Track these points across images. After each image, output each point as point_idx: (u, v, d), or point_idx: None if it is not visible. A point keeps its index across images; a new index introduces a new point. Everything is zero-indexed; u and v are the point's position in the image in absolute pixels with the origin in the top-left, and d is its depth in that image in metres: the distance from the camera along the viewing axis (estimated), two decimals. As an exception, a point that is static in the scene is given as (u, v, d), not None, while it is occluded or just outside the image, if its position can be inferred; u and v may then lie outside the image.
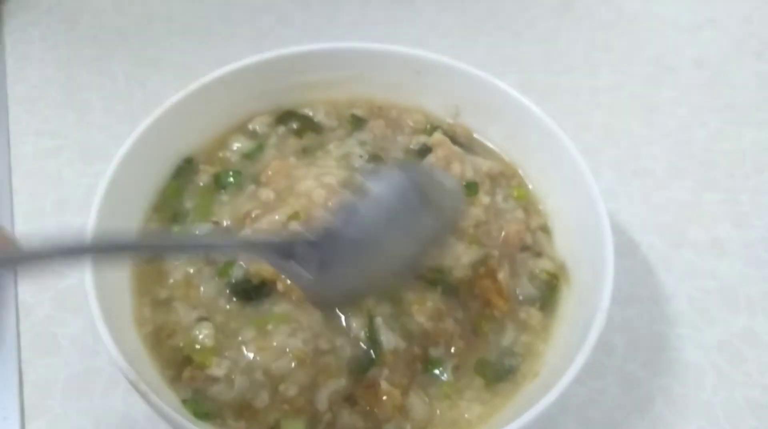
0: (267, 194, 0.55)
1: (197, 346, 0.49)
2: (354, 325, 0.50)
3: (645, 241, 0.64)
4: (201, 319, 0.51)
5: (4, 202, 0.64)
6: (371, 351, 0.49)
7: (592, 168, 0.54)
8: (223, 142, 0.61)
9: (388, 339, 0.49)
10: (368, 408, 0.48)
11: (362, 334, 0.50)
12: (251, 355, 0.49)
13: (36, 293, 0.59)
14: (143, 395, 0.43)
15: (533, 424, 0.43)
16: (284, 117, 0.62)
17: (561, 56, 0.79)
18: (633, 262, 0.63)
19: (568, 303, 0.54)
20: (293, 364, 0.48)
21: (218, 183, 0.57)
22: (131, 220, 0.54)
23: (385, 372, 0.48)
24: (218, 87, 0.58)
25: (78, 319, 0.57)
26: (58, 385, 0.54)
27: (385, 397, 0.47)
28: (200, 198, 0.57)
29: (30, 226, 0.63)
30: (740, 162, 0.70)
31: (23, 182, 0.66)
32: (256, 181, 0.57)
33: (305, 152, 0.60)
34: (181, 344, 0.50)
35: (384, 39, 0.62)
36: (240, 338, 0.50)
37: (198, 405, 0.47)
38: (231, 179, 0.57)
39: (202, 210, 0.56)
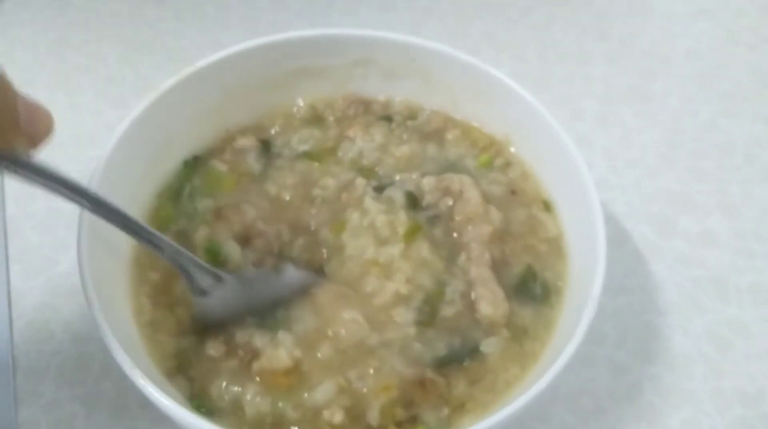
0: None
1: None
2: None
3: (636, 231, 0.65)
4: None
5: (-5, 186, 0.64)
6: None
7: (584, 157, 0.54)
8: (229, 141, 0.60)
9: None
10: (417, 402, 0.48)
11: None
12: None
13: (28, 279, 0.58)
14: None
15: (525, 410, 0.44)
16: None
17: (555, 45, 0.79)
18: (624, 251, 0.63)
19: (560, 294, 0.54)
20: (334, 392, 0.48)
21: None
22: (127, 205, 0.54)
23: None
24: (214, 71, 0.58)
25: (71, 304, 0.57)
26: (51, 372, 0.54)
27: (428, 386, 0.48)
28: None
29: (21, 210, 0.62)
30: (731, 153, 0.71)
31: (14, 166, 0.65)
32: None
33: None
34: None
35: (379, 24, 0.62)
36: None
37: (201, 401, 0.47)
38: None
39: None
